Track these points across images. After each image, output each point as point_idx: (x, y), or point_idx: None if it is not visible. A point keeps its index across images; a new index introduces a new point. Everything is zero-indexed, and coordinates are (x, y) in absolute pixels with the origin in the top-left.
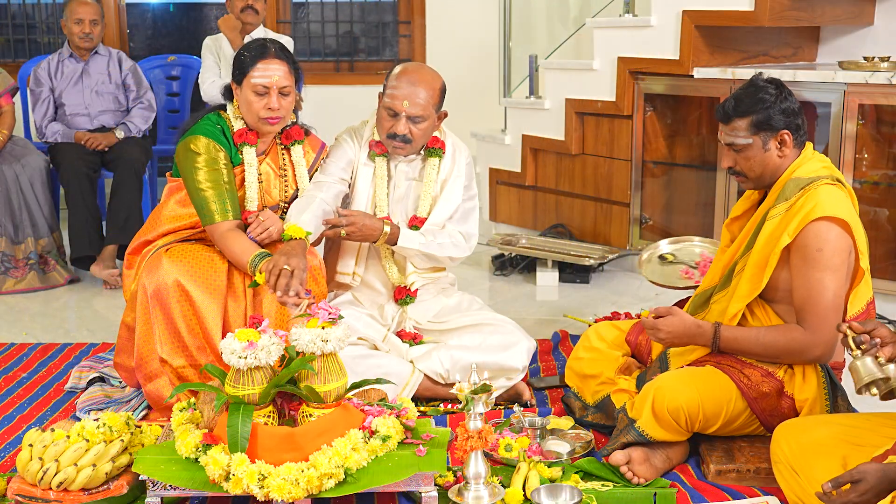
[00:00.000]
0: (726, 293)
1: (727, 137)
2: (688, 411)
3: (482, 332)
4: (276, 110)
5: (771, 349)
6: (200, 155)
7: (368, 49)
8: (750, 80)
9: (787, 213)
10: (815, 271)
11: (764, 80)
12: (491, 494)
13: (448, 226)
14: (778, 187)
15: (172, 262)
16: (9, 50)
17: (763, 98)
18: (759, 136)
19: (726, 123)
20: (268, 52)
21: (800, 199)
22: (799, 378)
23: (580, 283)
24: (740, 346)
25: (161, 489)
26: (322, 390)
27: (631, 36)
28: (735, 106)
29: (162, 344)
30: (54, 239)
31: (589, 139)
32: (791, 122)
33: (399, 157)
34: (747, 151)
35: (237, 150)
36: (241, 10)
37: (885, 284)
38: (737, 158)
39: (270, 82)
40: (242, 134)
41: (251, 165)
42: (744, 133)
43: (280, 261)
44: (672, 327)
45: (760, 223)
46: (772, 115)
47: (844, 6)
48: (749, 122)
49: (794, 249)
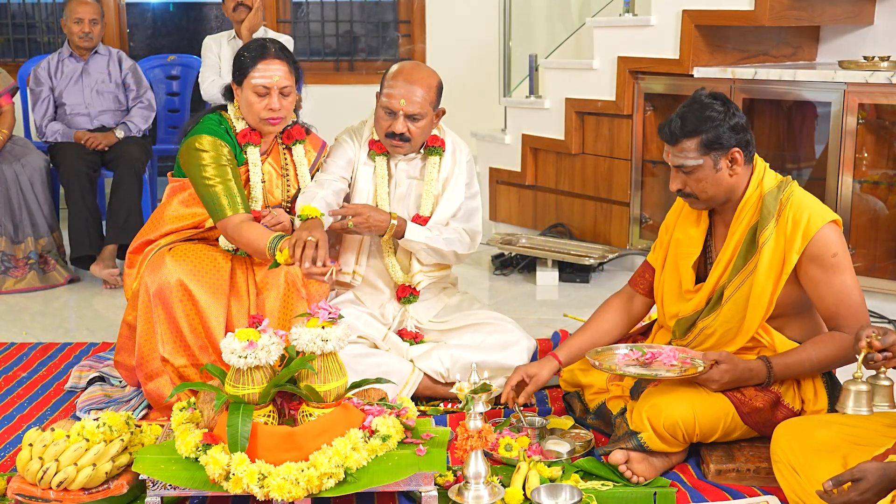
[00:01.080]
0: (715, 316)
1: (675, 159)
2: (684, 427)
3: (482, 331)
4: (276, 111)
5: (826, 364)
6: (207, 152)
7: (368, 49)
8: (693, 98)
9: (778, 228)
10: (836, 276)
11: (708, 97)
12: (491, 494)
13: (452, 223)
14: (749, 207)
15: (175, 262)
16: (9, 50)
17: (711, 116)
18: (710, 156)
19: (674, 144)
20: (268, 52)
21: (785, 211)
22: (794, 388)
23: (580, 282)
24: (793, 372)
25: (161, 489)
26: (322, 390)
27: (631, 35)
28: (682, 125)
29: (164, 343)
30: (54, 238)
31: (589, 139)
32: (741, 138)
33: (399, 155)
34: (698, 173)
35: (241, 150)
36: (233, 8)
37: (886, 284)
38: (686, 180)
39: (271, 83)
40: (246, 134)
41: (255, 165)
42: (693, 154)
43: (303, 234)
44: (728, 377)
45: (747, 247)
46: (721, 134)
47: (844, 6)
48: (698, 141)
49: (807, 262)
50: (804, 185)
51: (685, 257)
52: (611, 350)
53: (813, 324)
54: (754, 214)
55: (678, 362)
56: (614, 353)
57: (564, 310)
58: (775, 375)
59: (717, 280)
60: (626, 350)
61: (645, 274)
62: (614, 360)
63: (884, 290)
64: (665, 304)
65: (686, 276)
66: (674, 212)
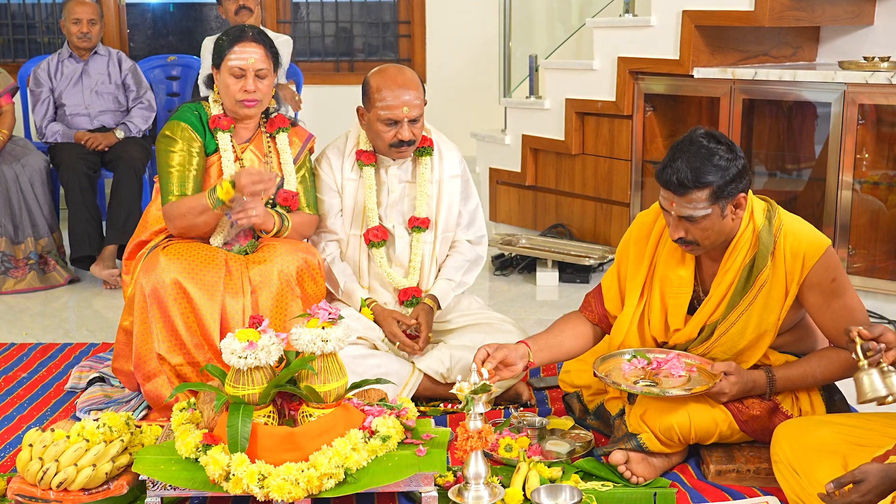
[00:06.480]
0: (707, 347)
1: (683, 210)
2: (679, 431)
3: (482, 331)
4: (251, 92)
5: (828, 378)
6: (175, 140)
7: (368, 49)
8: (691, 141)
9: (776, 263)
10: (837, 300)
11: (707, 139)
12: (491, 494)
13: (459, 234)
14: (743, 243)
15: (170, 260)
16: (9, 50)
17: (720, 165)
18: (718, 205)
19: (681, 195)
20: (245, 35)
21: (779, 243)
22: (792, 397)
23: (580, 283)
24: (795, 385)
25: (161, 489)
26: (322, 390)
27: (631, 36)
28: (693, 176)
29: (159, 342)
30: (54, 239)
31: (589, 139)
32: (748, 182)
33: (388, 161)
34: (705, 222)
35: (212, 135)
36: (235, 12)
37: (885, 284)
38: (689, 228)
39: (246, 64)
40: (216, 120)
41: (226, 150)
42: (703, 204)
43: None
44: (736, 389)
45: (743, 283)
46: (731, 180)
47: (844, 6)
48: (709, 192)
49: (807, 290)
50: (804, 186)
51: (675, 297)
52: (615, 358)
53: (807, 334)
54: (749, 250)
55: (685, 371)
56: (619, 363)
57: (564, 310)
58: (776, 388)
59: (708, 316)
60: (630, 357)
61: (596, 304)
62: (620, 369)
63: (884, 291)
64: (650, 331)
65: (678, 317)
66: (639, 240)
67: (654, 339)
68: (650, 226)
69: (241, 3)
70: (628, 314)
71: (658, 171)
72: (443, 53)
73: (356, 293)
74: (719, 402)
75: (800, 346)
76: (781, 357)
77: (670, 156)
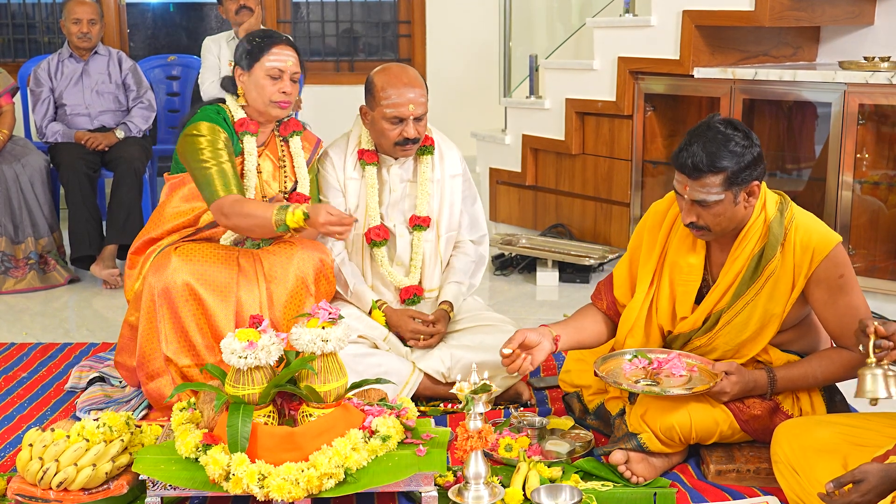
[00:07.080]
0: (710, 337)
1: (696, 194)
2: (680, 431)
3: (482, 331)
4: (289, 94)
5: (829, 379)
6: (204, 136)
7: (368, 49)
8: (709, 126)
9: (785, 254)
10: (843, 297)
11: (724, 125)
12: (491, 494)
13: (463, 235)
14: (754, 233)
15: (182, 262)
16: (9, 50)
17: (735, 150)
18: (731, 191)
19: (695, 179)
20: (281, 38)
21: (790, 236)
22: (793, 397)
23: (580, 283)
24: (796, 385)
25: (161, 489)
26: (322, 390)
27: (631, 36)
28: (708, 161)
29: (168, 343)
30: (54, 239)
31: (589, 139)
32: (762, 171)
33: (390, 160)
34: (717, 207)
35: (238, 139)
36: (236, 11)
37: (885, 284)
38: (701, 213)
39: (285, 66)
40: (244, 123)
41: (251, 154)
42: (717, 189)
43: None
44: (737, 388)
45: (751, 273)
46: (746, 167)
47: (844, 6)
48: (723, 177)
49: (814, 285)
50: (804, 186)
51: (684, 285)
52: (616, 358)
53: (809, 331)
54: (759, 241)
55: (686, 371)
56: (620, 363)
57: (564, 310)
58: (777, 388)
59: (714, 305)
60: (631, 357)
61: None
62: (621, 369)
63: (884, 291)
64: (657, 319)
65: (685, 304)
66: (653, 228)
67: (660, 327)
68: (663, 213)
69: (242, 2)
70: (638, 301)
71: (674, 154)
72: (443, 53)
73: (366, 295)
74: (720, 401)
75: (802, 345)
76: (783, 357)
77: (687, 139)
